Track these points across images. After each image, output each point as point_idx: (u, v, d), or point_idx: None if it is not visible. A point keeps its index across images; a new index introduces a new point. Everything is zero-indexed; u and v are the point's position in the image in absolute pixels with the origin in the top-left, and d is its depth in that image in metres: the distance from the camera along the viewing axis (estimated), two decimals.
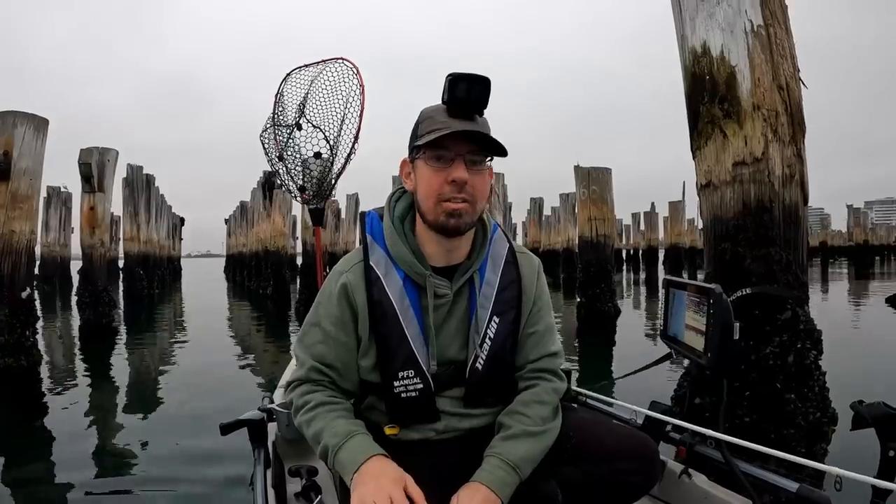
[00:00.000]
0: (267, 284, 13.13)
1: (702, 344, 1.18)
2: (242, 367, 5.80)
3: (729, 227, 2.29)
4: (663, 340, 1.41)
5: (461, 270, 1.07)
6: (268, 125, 2.47)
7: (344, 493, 0.98)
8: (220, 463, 2.74)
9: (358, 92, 2.39)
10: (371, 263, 1.05)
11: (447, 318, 1.06)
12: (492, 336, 1.05)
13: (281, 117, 2.46)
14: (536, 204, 25.98)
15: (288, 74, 2.52)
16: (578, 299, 8.80)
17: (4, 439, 3.44)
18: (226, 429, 1.39)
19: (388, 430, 1.03)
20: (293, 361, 2.51)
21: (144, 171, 13.73)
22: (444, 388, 1.05)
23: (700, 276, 3.34)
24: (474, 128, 0.97)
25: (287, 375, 2.28)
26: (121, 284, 13.95)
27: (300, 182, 2.44)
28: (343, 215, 19.45)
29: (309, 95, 2.47)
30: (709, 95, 2.32)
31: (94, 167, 7.43)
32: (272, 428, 1.50)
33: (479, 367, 1.04)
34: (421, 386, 1.02)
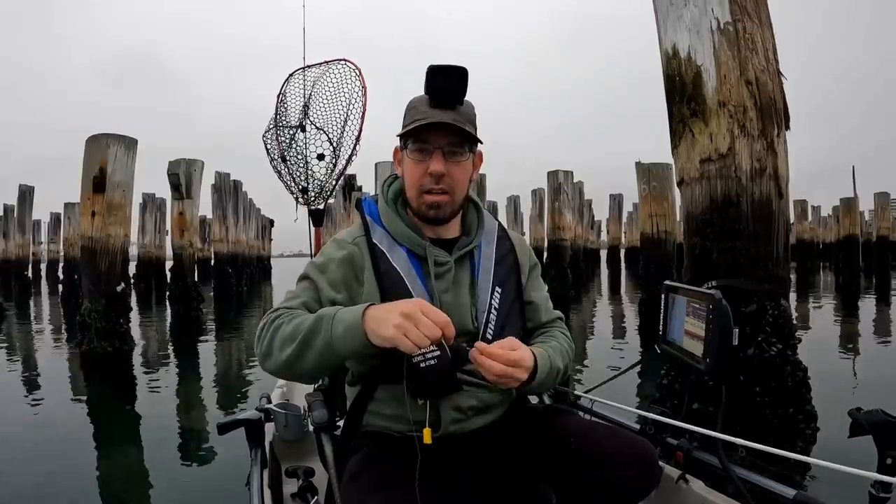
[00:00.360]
0: None
1: (701, 349, 1.15)
2: None
3: (698, 222, 2.34)
4: (662, 345, 1.38)
5: (459, 245, 1.10)
6: (270, 126, 2.56)
7: (341, 493, 0.95)
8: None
9: (360, 93, 2.43)
10: (374, 241, 1.07)
11: (453, 289, 1.07)
12: (497, 306, 1.08)
13: (283, 119, 2.54)
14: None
15: (290, 75, 2.59)
16: (641, 296, 8.60)
17: (99, 413, 3.98)
18: (223, 428, 1.36)
19: (426, 434, 0.95)
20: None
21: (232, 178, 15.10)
22: (460, 360, 1.00)
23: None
24: (452, 118, 1.00)
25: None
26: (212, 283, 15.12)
27: (303, 184, 2.52)
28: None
29: (312, 97, 2.52)
30: (679, 95, 2.39)
31: (181, 177, 8.40)
32: (269, 428, 1.48)
33: (490, 336, 1.05)
34: (438, 353, 0.97)
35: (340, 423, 1.13)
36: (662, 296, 1.37)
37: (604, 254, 28.94)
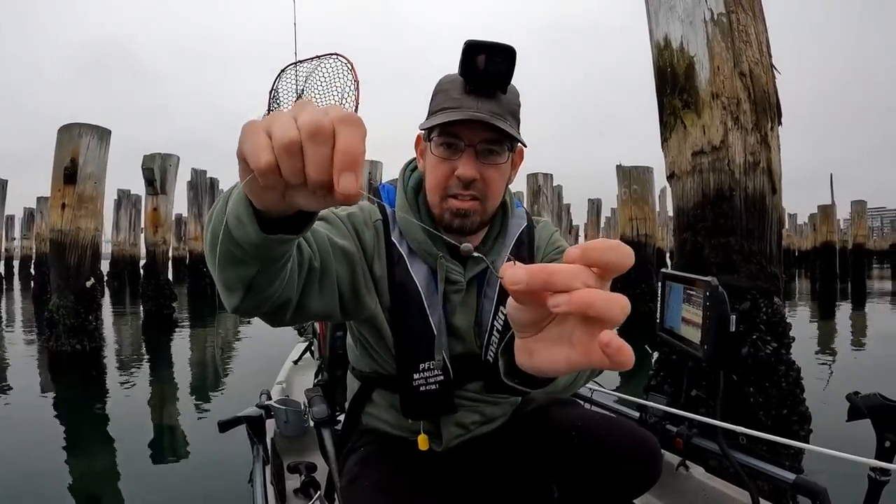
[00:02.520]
0: None
1: (698, 336, 1.14)
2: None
3: (689, 217, 2.28)
4: (659, 333, 1.36)
5: (475, 258, 0.91)
6: None
7: (342, 495, 0.93)
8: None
9: (352, 88, 2.42)
10: (393, 240, 0.91)
11: (460, 311, 0.95)
12: (499, 328, 0.93)
13: None
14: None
15: (282, 71, 2.58)
16: None
17: (67, 414, 3.79)
18: (224, 426, 1.35)
19: (421, 441, 0.95)
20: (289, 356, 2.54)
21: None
22: (463, 381, 0.96)
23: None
24: (490, 111, 0.82)
25: (283, 373, 2.34)
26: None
27: None
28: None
29: (304, 92, 2.50)
30: (670, 87, 2.33)
31: (156, 171, 8.15)
32: (270, 424, 1.49)
33: (491, 360, 0.94)
34: (441, 378, 0.92)
35: (341, 418, 1.11)
36: (659, 284, 1.34)
37: None
